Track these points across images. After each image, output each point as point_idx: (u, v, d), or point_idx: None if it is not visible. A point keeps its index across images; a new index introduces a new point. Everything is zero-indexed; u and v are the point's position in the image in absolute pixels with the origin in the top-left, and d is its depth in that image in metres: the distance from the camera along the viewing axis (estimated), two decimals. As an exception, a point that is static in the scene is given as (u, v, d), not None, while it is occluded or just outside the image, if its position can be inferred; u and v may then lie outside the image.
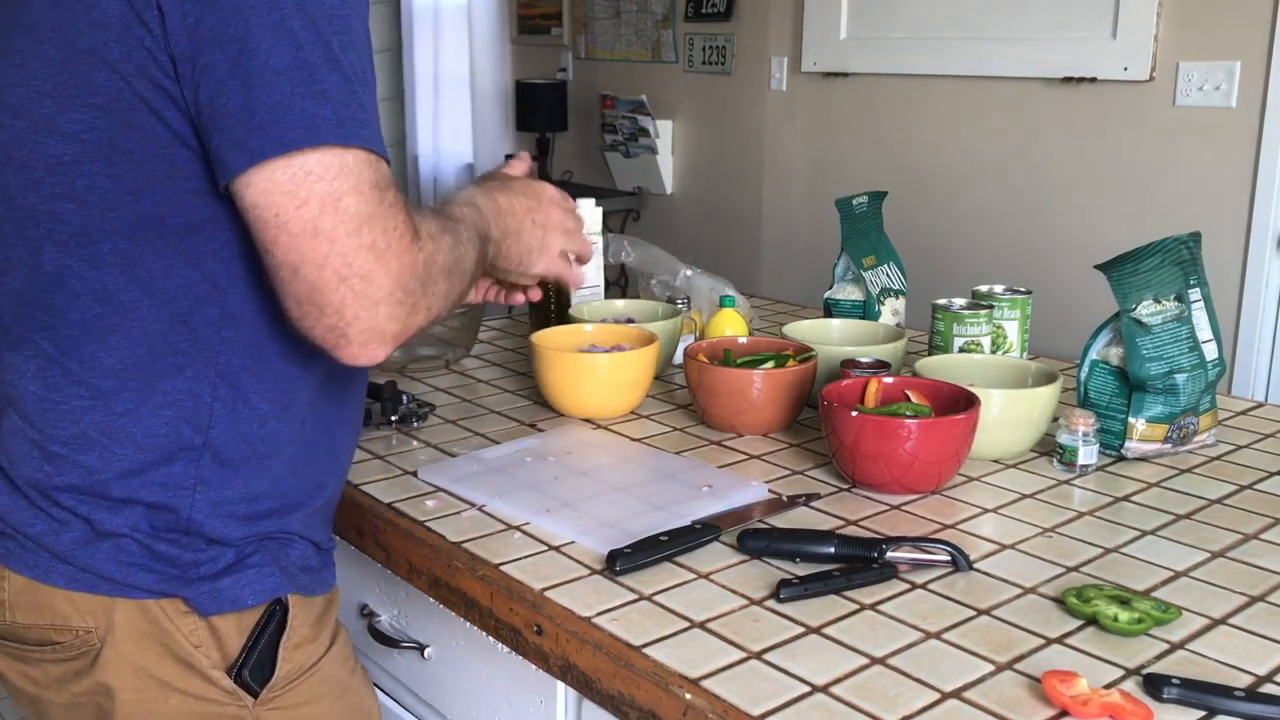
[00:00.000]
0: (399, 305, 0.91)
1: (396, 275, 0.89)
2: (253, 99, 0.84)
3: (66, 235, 0.92)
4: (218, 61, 0.85)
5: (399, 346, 0.94)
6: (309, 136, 0.85)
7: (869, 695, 0.87)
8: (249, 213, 0.87)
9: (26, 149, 0.92)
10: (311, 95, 0.85)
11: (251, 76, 0.84)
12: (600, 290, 1.96)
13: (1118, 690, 0.86)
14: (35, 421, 0.97)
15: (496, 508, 1.22)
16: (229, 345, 0.95)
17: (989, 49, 3.11)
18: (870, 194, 1.78)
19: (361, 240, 0.87)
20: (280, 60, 0.85)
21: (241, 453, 0.98)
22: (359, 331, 0.89)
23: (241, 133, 0.85)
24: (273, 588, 1.00)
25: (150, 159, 0.89)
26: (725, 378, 1.44)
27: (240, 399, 0.96)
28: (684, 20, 4.06)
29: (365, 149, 0.88)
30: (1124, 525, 1.19)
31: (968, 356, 1.52)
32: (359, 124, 0.88)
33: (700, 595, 1.03)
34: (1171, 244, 1.36)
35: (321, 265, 0.86)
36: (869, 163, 3.48)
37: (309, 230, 0.86)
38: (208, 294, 0.94)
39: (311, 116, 0.85)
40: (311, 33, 0.86)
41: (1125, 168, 2.88)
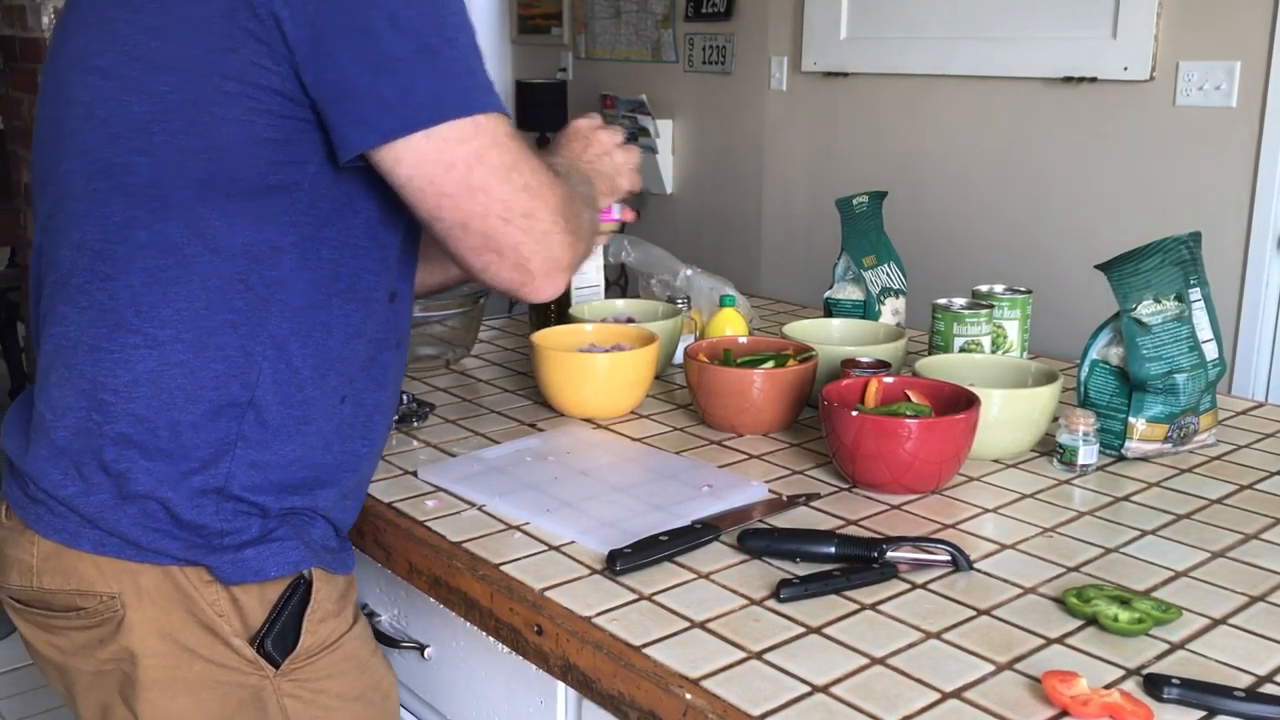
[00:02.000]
0: (565, 233, 1.01)
1: (554, 207, 1.00)
2: (381, 82, 0.93)
3: (137, 187, 0.97)
4: (341, 49, 0.92)
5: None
6: (440, 111, 0.94)
7: (869, 695, 0.87)
8: (405, 187, 0.96)
9: (110, 108, 0.97)
10: (437, 75, 0.94)
11: (377, 63, 0.92)
12: (600, 290, 1.96)
13: (1118, 690, 0.86)
14: (86, 370, 0.99)
15: (496, 508, 1.22)
16: (280, 309, 1.00)
17: (989, 49, 3.11)
18: (870, 194, 1.78)
19: (513, 184, 0.97)
20: (403, 47, 0.93)
21: (281, 416, 1.01)
22: (539, 264, 1.00)
23: (373, 114, 0.93)
24: (296, 561, 1.03)
25: (232, 123, 0.95)
26: (725, 378, 1.44)
27: (284, 362, 1.01)
28: (684, 20, 4.06)
29: (490, 111, 0.97)
30: (1124, 525, 1.19)
31: (968, 356, 1.52)
32: (481, 91, 0.97)
33: (700, 595, 1.03)
34: (1171, 244, 1.36)
35: (485, 215, 0.97)
36: (869, 163, 3.48)
37: (464, 188, 0.96)
38: (266, 256, 0.98)
39: (439, 93, 0.94)
40: (428, 17, 0.94)
41: (1125, 168, 2.88)
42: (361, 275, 1.04)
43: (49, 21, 3.34)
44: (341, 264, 1.02)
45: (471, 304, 1.76)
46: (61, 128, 1.02)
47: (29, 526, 1.03)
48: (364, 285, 1.05)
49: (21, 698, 2.76)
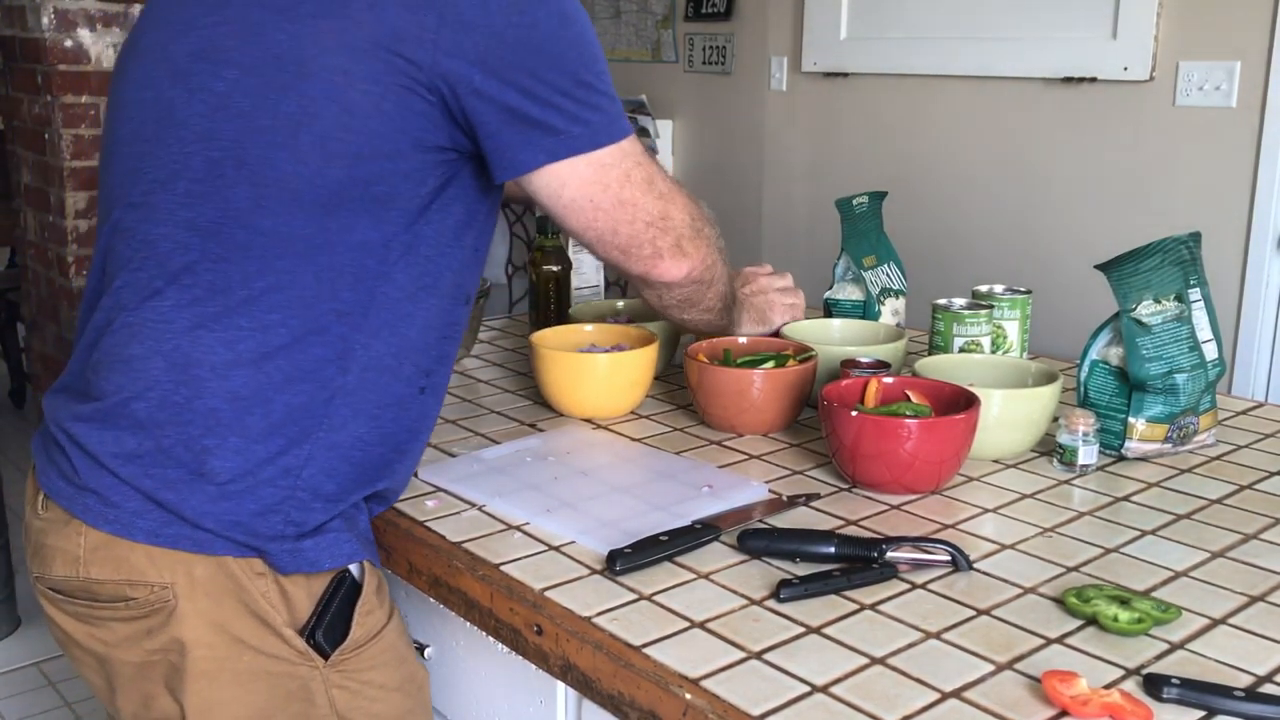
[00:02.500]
0: (691, 229, 1.21)
1: (684, 208, 1.20)
2: (549, 113, 1.05)
3: (273, 180, 1.01)
4: (509, 83, 1.03)
5: (695, 284, 1.27)
6: (598, 139, 1.09)
7: (869, 695, 0.87)
8: (570, 204, 1.11)
9: (252, 101, 1.02)
10: (592, 107, 1.08)
11: (545, 96, 1.05)
12: (600, 290, 1.96)
13: (1118, 690, 0.86)
14: (182, 346, 1.03)
15: (496, 508, 1.22)
16: (381, 301, 1.06)
17: (989, 49, 3.11)
18: (870, 194, 1.78)
19: (653, 193, 1.16)
20: (567, 80, 1.06)
21: (364, 401, 1.07)
22: (668, 250, 1.19)
23: (540, 137, 1.06)
24: (349, 553, 1.08)
25: (382, 135, 1.02)
26: (725, 378, 1.44)
27: (372, 351, 1.07)
28: (684, 20, 4.06)
29: (627, 135, 1.12)
30: (1124, 525, 1.19)
31: (968, 356, 1.52)
32: (620, 120, 1.12)
33: (700, 595, 1.03)
34: (1171, 244, 1.36)
35: (632, 220, 1.15)
36: (869, 163, 3.48)
37: (616, 202, 1.12)
38: (378, 252, 1.06)
39: (596, 124, 1.08)
40: (581, 53, 1.08)
41: (1125, 168, 2.88)
42: (444, 273, 1.11)
43: (49, 22, 3.34)
44: (433, 261, 1.09)
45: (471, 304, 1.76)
46: (178, 112, 1.05)
47: (75, 517, 1.04)
48: (446, 282, 1.12)
49: (21, 698, 2.76)
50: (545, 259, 1.84)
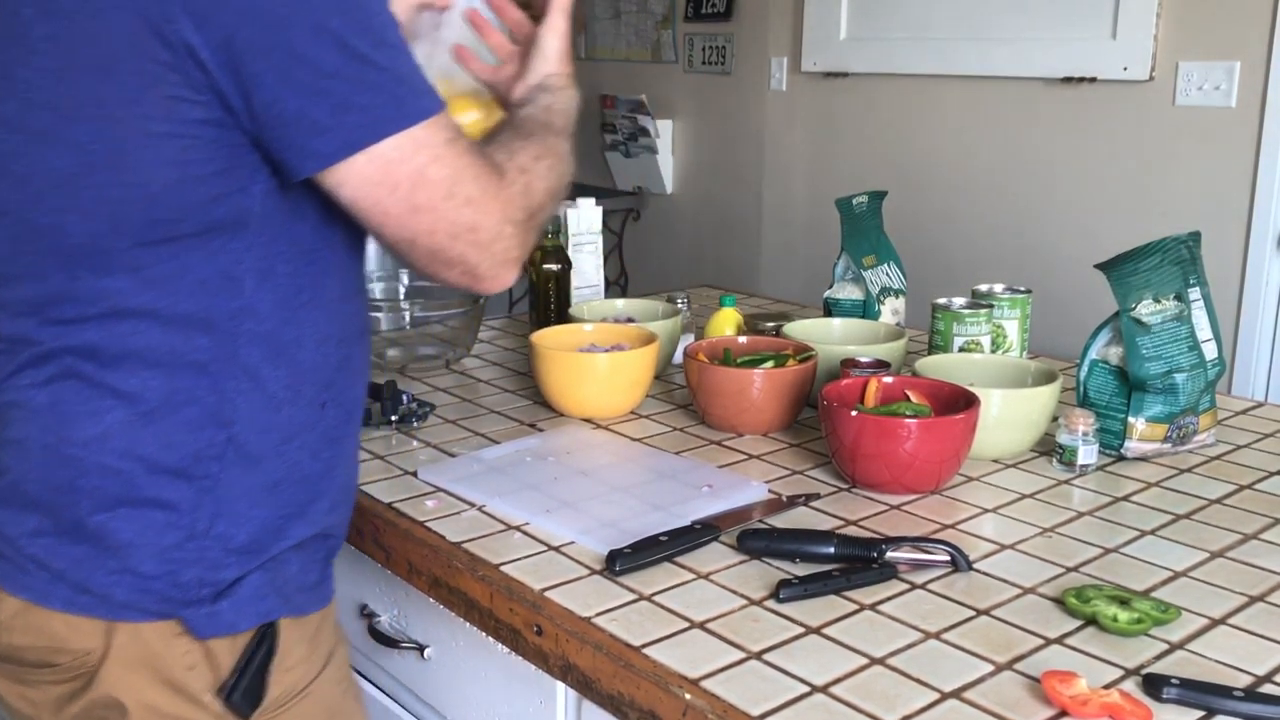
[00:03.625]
0: (511, 237, 0.99)
1: (499, 214, 0.97)
2: (311, 104, 0.88)
3: (72, 248, 0.92)
4: (264, 71, 0.87)
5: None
6: (377, 129, 0.90)
7: (869, 695, 0.87)
8: (350, 206, 0.93)
9: (24, 163, 0.91)
10: (369, 88, 0.89)
11: (304, 83, 0.88)
12: (600, 290, 1.96)
13: (1117, 690, 0.86)
14: (50, 425, 0.95)
15: (496, 508, 1.22)
16: (249, 336, 0.96)
17: (989, 49, 3.11)
18: (870, 194, 1.78)
19: (457, 200, 0.94)
20: (330, 62, 0.88)
21: (262, 443, 0.98)
22: (486, 269, 0.98)
23: (306, 137, 0.89)
24: (266, 611, 1.00)
25: (165, 165, 0.90)
26: (725, 378, 1.44)
27: (259, 390, 0.98)
28: (684, 20, 4.06)
29: (427, 117, 0.92)
30: (1124, 525, 1.19)
31: (968, 356, 1.52)
32: (417, 96, 0.93)
33: (700, 595, 1.03)
34: (1171, 244, 1.36)
35: (432, 232, 0.94)
36: (869, 163, 3.47)
37: (408, 209, 0.93)
38: (225, 288, 0.95)
39: (374, 110, 0.90)
40: (351, 25, 0.89)
41: (1125, 168, 2.88)
42: (320, 280, 1.01)
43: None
44: (300, 275, 0.98)
45: (471, 304, 1.76)
46: None
47: None
48: (325, 289, 1.01)
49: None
50: (545, 259, 1.84)
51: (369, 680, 1.43)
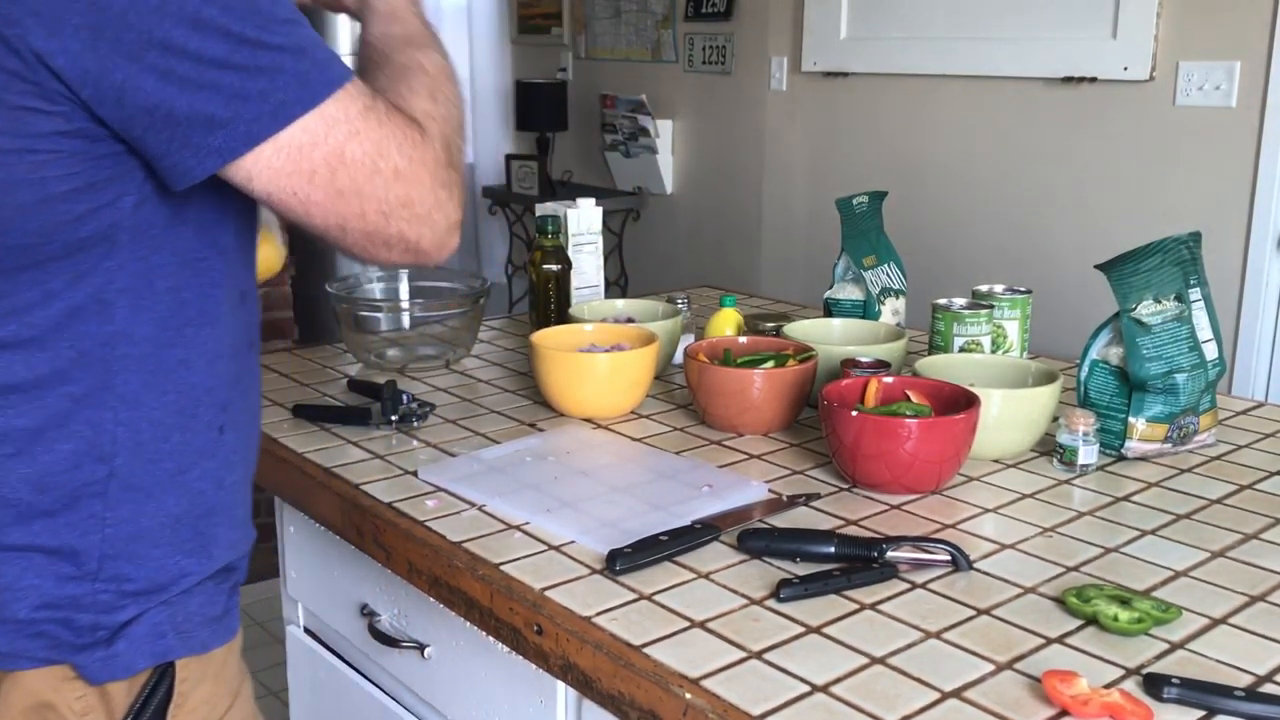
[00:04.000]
0: (447, 199, 0.91)
1: (429, 180, 0.90)
2: (201, 98, 0.80)
3: None
4: (140, 73, 0.79)
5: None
6: (281, 115, 0.82)
7: (869, 695, 0.87)
8: (266, 200, 0.86)
9: None
10: (265, 72, 0.81)
11: (189, 77, 0.79)
12: (600, 290, 1.96)
13: (1118, 690, 0.86)
14: None
15: (496, 508, 1.22)
16: (124, 363, 0.88)
17: (989, 49, 3.11)
18: (870, 194, 1.78)
19: (384, 175, 0.87)
20: (217, 49, 0.80)
21: (151, 476, 0.91)
22: (428, 242, 0.91)
23: (203, 134, 0.81)
24: (164, 650, 0.93)
25: (17, 187, 0.81)
26: (725, 378, 1.44)
27: (143, 419, 0.90)
28: (684, 20, 4.06)
29: (335, 89, 0.85)
30: (1124, 525, 1.19)
31: (968, 356, 1.52)
32: (320, 69, 0.84)
33: (700, 595, 1.03)
34: (1171, 244, 1.36)
35: (362, 215, 0.87)
36: (869, 163, 3.48)
37: (333, 194, 0.85)
38: (96, 313, 0.87)
39: (273, 95, 0.82)
40: (231, 12, 0.80)
41: (1125, 168, 2.88)
42: (208, 292, 0.92)
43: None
44: (184, 289, 0.90)
45: (471, 304, 1.76)
46: None
47: None
48: (212, 302, 0.93)
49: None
50: (545, 259, 1.84)
51: (369, 680, 1.43)
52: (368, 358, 1.74)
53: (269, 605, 3.23)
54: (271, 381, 1.65)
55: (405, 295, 1.86)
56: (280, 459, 1.37)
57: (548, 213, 1.87)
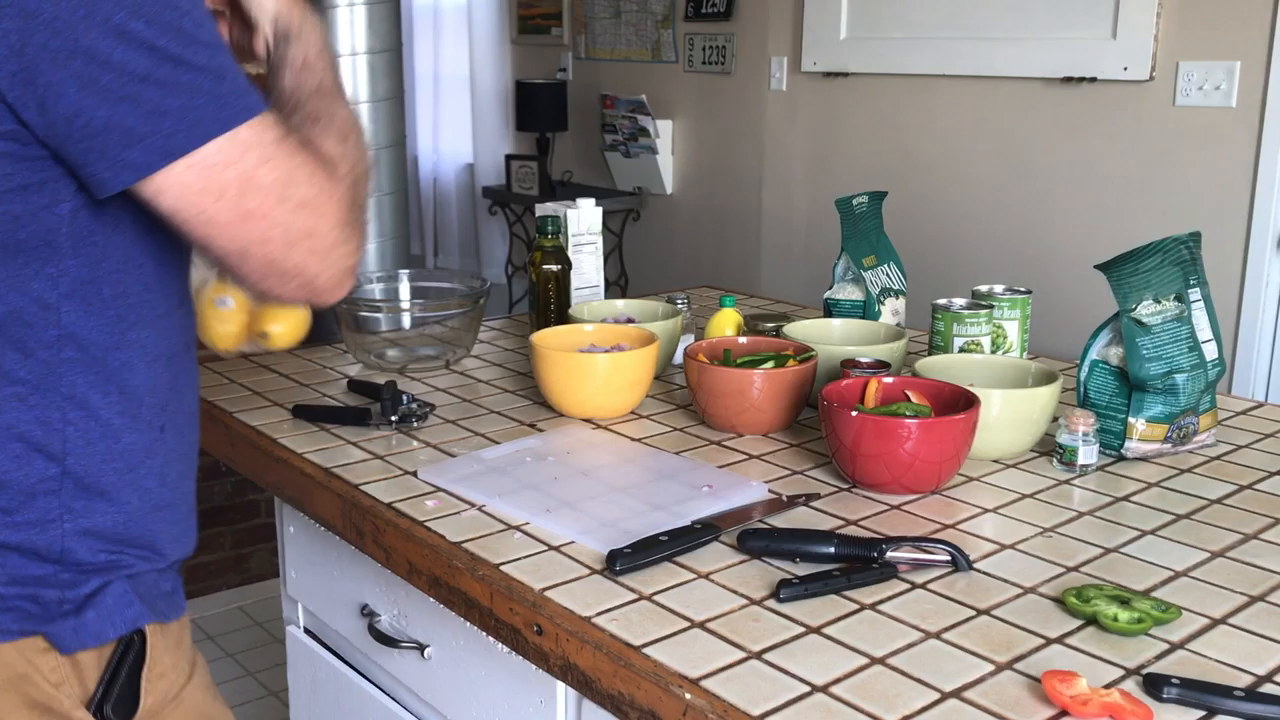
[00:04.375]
0: (350, 239, 0.93)
1: (334, 216, 0.91)
2: (120, 111, 0.81)
3: None
4: (64, 81, 0.80)
5: None
6: (198, 134, 0.84)
7: (869, 695, 0.87)
8: (171, 218, 0.87)
9: None
10: (185, 91, 0.83)
11: (111, 89, 0.81)
12: (600, 290, 1.96)
13: (1118, 690, 0.86)
14: None
15: (496, 508, 1.22)
16: (71, 365, 0.91)
17: (989, 49, 3.11)
18: (870, 194, 1.78)
19: (291, 203, 0.88)
20: (138, 64, 0.81)
21: (105, 474, 0.94)
22: (325, 280, 0.92)
23: (118, 148, 0.82)
24: (133, 617, 0.96)
25: None
26: (725, 378, 1.44)
27: (92, 418, 0.92)
28: (684, 20, 4.06)
29: (251, 115, 0.86)
30: (1124, 525, 1.19)
31: (968, 356, 1.52)
32: (235, 96, 0.86)
33: (700, 595, 1.03)
34: (1171, 244, 1.36)
35: (265, 241, 0.88)
36: (869, 163, 3.48)
37: (239, 216, 0.86)
38: (38, 316, 0.89)
39: (191, 113, 0.83)
40: (159, 24, 0.82)
41: (1125, 168, 2.88)
42: (145, 296, 0.95)
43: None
44: (129, 295, 0.93)
45: (471, 304, 1.76)
46: None
47: None
48: (150, 305, 0.95)
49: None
50: (545, 259, 1.84)
51: (369, 680, 1.43)
52: (368, 358, 1.74)
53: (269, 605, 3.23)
54: (272, 382, 1.65)
55: (405, 296, 1.86)
56: (280, 459, 1.38)
57: (548, 213, 1.87)
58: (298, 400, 1.55)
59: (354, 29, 3.38)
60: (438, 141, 5.42)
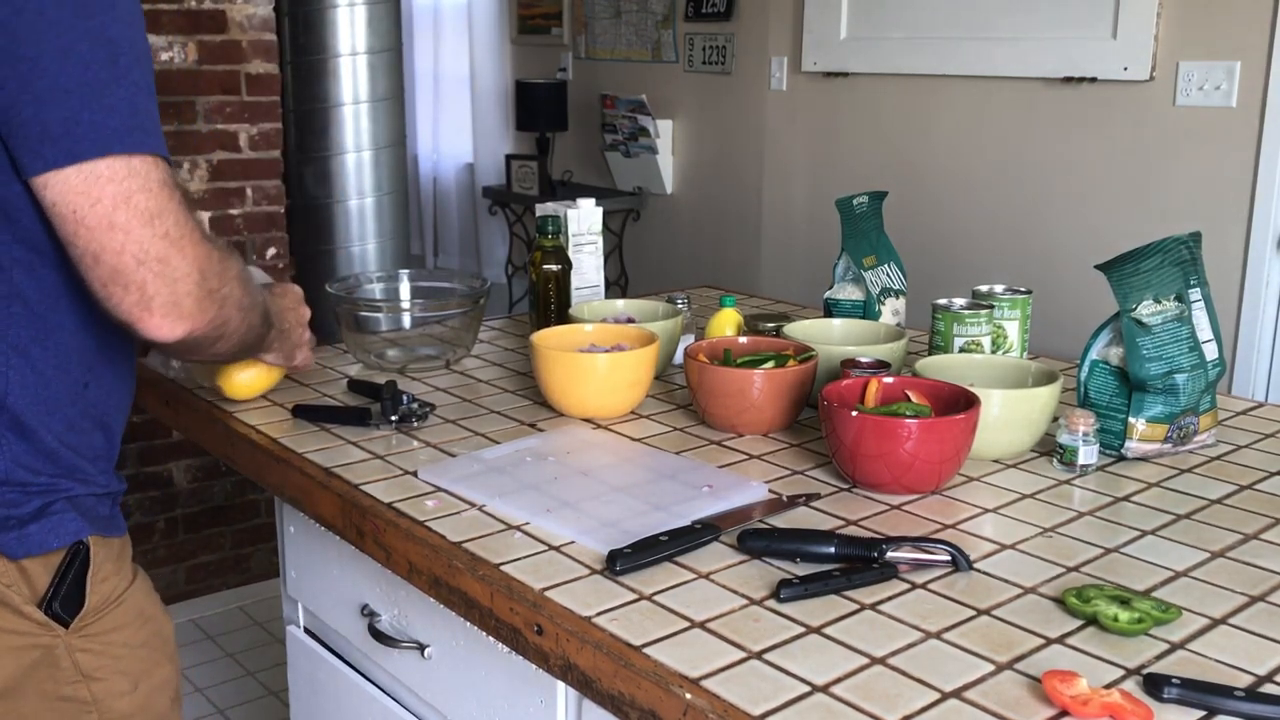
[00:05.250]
0: (197, 286, 1.03)
1: (193, 260, 1.02)
2: (45, 112, 0.95)
3: None
4: (8, 77, 0.94)
5: (195, 343, 1.08)
6: (98, 147, 0.96)
7: (869, 695, 0.87)
8: (49, 210, 0.98)
9: None
10: (100, 110, 0.96)
11: (43, 94, 0.95)
12: (600, 290, 1.96)
13: (1118, 690, 0.86)
14: None
15: (496, 508, 1.22)
16: (17, 320, 1.05)
17: (989, 49, 3.11)
18: (870, 194, 1.78)
19: (155, 230, 0.99)
20: (70, 79, 0.95)
21: (33, 412, 1.08)
22: (160, 304, 1.02)
23: (36, 142, 0.95)
24: (75, 530, 1.10)
25: None
26: (725, 378, 1.44)
27: (29, 365, 1.07)
28: (684, 20, 4.06)
29: (151, 154, 0.99)
30: (1124, 525, 1.19)
31: (968, 356, 1.52)
32: (144, 133, 0.99)
33: (700, 595, 1.03)
34: (1171, 244, 1.36)
35: (120, 252, 0.98)
36: (869, 163, 3.48)
37: (104, 224, 0.97)
38: None
39: (99, 129, 0.96)
40: (99, 53, 0.96)
41: (1125, 168, 2.88)
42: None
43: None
44: (67, 269, 1.04)
45: (471, 304, 1.76)
46: None
47: None
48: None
49: None
50: (545, 259, 1.85)
51: (369, 680, 1.43)
52: (368, 358, 1.74)
53: (269, 605, 3.23)
54: (271, 381, 1.65)
55: (405, 295, 1.86)
56: (280, 459, 1.37)
57: (548, 213, 1.87)
58: (298, 400, 1.55)
59: (354, 29, 3.38)
60: (438, 141, 5.42)
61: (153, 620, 1.22)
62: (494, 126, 5.00)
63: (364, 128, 3.41)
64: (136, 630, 1.19)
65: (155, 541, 3.09)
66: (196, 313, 1.05)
